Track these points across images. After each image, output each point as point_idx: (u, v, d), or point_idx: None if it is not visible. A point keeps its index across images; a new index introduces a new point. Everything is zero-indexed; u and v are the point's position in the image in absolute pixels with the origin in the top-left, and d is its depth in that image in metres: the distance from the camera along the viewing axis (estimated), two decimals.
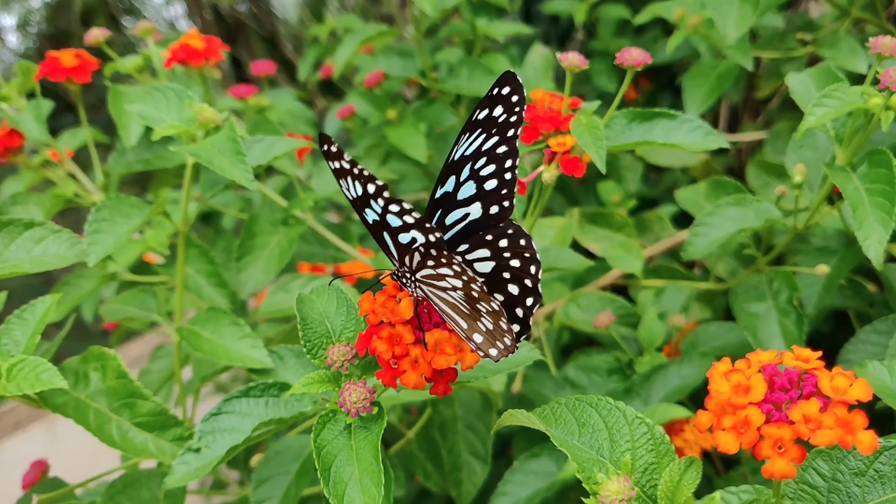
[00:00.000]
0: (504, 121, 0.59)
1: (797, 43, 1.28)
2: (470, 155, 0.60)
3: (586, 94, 1.80)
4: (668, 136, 0.83)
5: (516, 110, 0.59)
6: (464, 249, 0.60)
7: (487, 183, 0.60)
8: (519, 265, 0.58)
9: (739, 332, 1.00)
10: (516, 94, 0.59)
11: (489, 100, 0.60)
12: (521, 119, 0.59)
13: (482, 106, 0.60)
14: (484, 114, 0.60)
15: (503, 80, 0.60)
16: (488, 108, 0.60)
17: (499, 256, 0.59)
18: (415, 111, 1.46)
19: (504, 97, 0.59)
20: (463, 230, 0.61)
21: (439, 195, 0.61)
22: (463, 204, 0.61)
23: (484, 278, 0.59)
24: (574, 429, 0.53)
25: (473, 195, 0.60)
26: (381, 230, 0.56)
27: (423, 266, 0.56)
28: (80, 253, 0.76)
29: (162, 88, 0.83)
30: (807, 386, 0.44)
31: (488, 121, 0.60)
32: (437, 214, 0.61)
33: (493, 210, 0.60)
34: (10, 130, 1.04)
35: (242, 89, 1.42)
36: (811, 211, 0.91)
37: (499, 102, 0.60)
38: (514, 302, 0.58)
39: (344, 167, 0.54)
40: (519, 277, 0.58)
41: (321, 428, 0.59)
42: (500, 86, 0.60)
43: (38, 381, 0.66)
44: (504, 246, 0.59)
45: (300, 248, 1.17)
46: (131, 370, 1.94)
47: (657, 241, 1.34)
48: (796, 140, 0.91)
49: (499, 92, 0.60)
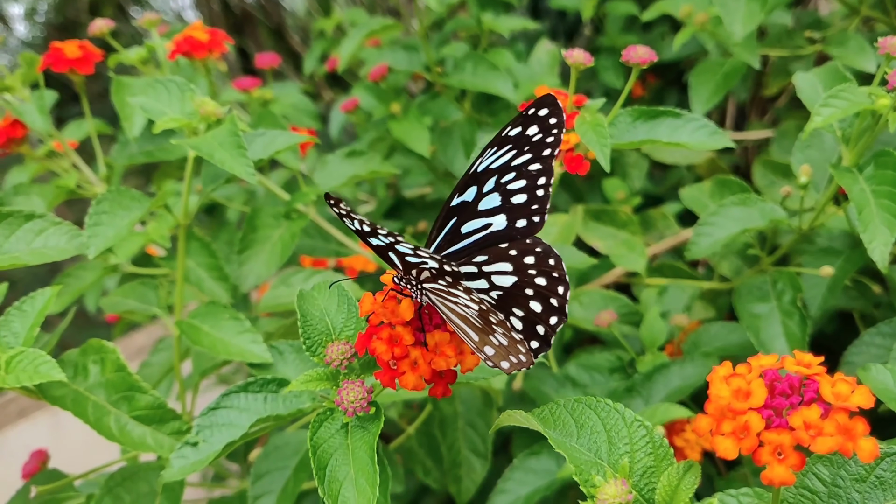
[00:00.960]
0: (539, 140, 0.59)
1: (805, 41, 1.27)
2: (497, 168, 0.60)
3: (592, 90, 1.79)
4: (673, 134, 0.83)
5: (554, 132, 0.59)
6: (482, 260, 0.59)
7: (516, 197, 0.60)
8: (545, 284, 0.57)
9: (742, 333, 0.99)
10: (555, 117, 0.59)
11: (524, 118, 0.59)
12: (558, 141, 0.59)
13: (515, 123, 0.59)
14: (516, 131, 0.59)
15: (542, 101, 0.59)
16: (521, 127, 0.59)
17: (523, 272, 0.58)
18: (419, 105, 1.45)
19: (541, 118, 0.59)
20: (481, 240, 0.60)
21: (456, 203, 0.60)
22: (485, 214, 0.60)
23: (503, 292, 0.58)
24: (573, 430, 0.53)
25: (498, 207, 0.60)
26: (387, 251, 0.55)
27: (432, 282, 0.55)
28: (80, 245, 0.76)
29: (164, 81, 0.82)
30: (808, 392, 0.44)
31: (520, 138, 0.59)
32: (452, 222, 0.61)
33: (521, 224, 0.60)
34: (14, 121, 1.03)
35: (247, 82, 1.42)
36: (816, 212, 0.90)
37: (534, 122, 0.59)
38: (535, 319, 0.57)
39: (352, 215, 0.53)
40: (544, 296, 0.57)
41: (318, 426, 0.58)
42: (537, 107, 0.59)
43: (37, 374, 0.66)
44: (530, 263, 0.58)
45: (302, 242, 1.17)
46: (134, 360, 1.93)
47: (661, 239, 1.34)
48: (802, 140, 0.90)
49: (535, 112, 0.59)
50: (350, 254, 1.16)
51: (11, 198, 1.00)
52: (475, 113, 1.47)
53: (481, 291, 0.58)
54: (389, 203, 1.64)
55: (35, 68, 1.04)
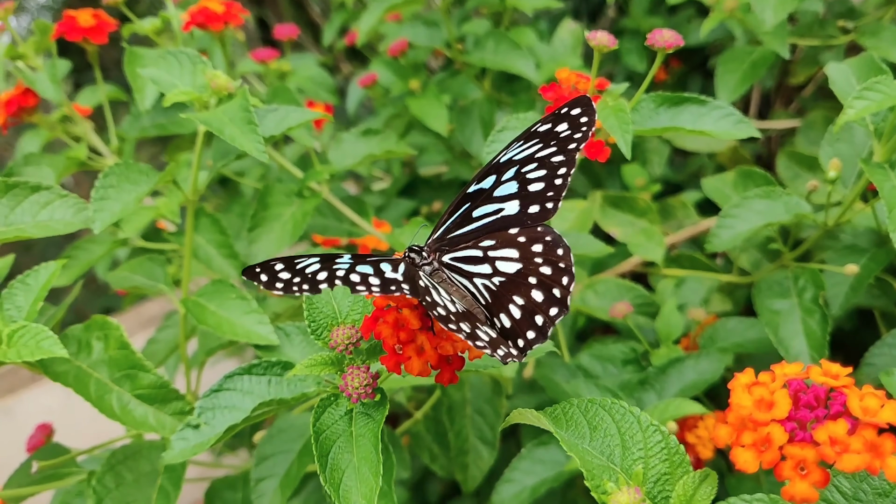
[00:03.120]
0: (567, 136, 0.58)
1: (837, 30, 1.23)
2: (519, 159, 0.59)
3: (615, 73, 1.76)
4: (697, 122, 0.80)
5: (583, 129, 0.58)
6: (488, 245, 0.59)
7: (533, 185, 0.59)
8: (550, 273, 0.56)
9: (760, 329, 0.97)
10: (586, 117, 0.58)
11: (555, 117, 0.58)
12: (586, 137, 0.58)
13: (545, 120, 0.59)
14: (546, 128, 0.58)
15: (576, 102, 0.58)
16: (552, 124, 0.58)
17: (529, 260, 0.57)
18: (438, 82, 1.43)
19: (573, 117, 0.58)
20: (490, 224, 0.60)
21: (473, 190, 0.60)
22: (499, 200, 0.60)
23: (505, 278, 0.57)
24: (585, 432, 0.51)
25: (513, 193, 0.59)
26: None
27: None
28: (86, 219, 0.74)
29: (176, 53, 0.80)
30: (834, 405, 0.42)
31: (548, 134, 0.59)
32: (465, 207, 0.60)
33: (533, 209, 0.59)
34: (25, 90, 1.01)
35: (264, 53, 1.39)
36: (844, 207, 0.88)
37: (565, 120, 0.58)
38: (535, 309, 0.56)
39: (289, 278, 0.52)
40: (547, 285, 0.56)
41: (322, 412, 0.57)
42: (571, 107, 0.58)
43: (39, 349, 0.65)
44: (537, 251, 0.57)
45: (315, 221, 1.15)
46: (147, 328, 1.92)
47: (680, 228, 1.31)
48: (833, 133, 0.87)
49: (567, 112, 0.58)
50: (362, 233, 1.14)
51: (21, 168, 0.99)
52: (495, 92, 1.45)
53: (483, 276, 0.58)
54: (405, 181, 1.62)
55: (48, 36, 1.03)
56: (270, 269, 0.52)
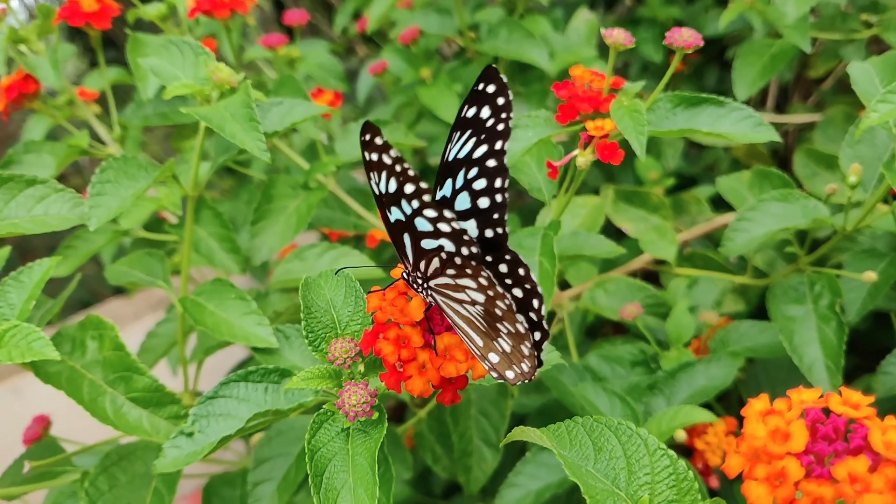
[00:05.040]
0: (492, 127, 0.53)
1: (860, 24, 1.19)
2: (463, 159, 0.54)
3: (631, 62, 1.72)
4: (715, 124, 0.77)
5: (503, 117, 0.53)
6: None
7: (480, 200, 0.54)
8: (522, 296, 0.53)
9: (773, 334, 0.94)
10: (502, 97, 0.53)
11: (475, 95, 0.53)
12: (508, 130, 0.53)
13: (469, 101, 0.53)
14: (472, 112, 0.53)
15: (486, 75, 0.53)
16: (476, 106, 0.53)
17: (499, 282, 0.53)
18: (450, 71, 1.40)
19: (489, 96, 0.53)
20: None
21: (439, 197, 0.55)
22: (461, 217, 0.55)
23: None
24: (590, 453, 0.48)
25: (469, 210, 0.55)
26: (404, 231, 0.51)
27: (440, 274, 0.51)
28: (82, 215, 0.72)
29: (177, 42, 0.78)
30: (855, 438, 0.39)
31: (477, 122, 0.53)
32: None
33: (488, 234, 0.55)
34: (26, 75, 1.00)
35: (273, 39, 1.37)
36: (864, 212, 0.85)
37: (486, 102, 0.53)
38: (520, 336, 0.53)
39: (384, 162, 0.48)
40: (523, 309, 0.53)
41: (317, 428, 0.55)
42: (485, 81, 0.53)
43: (30, 351, 0.63)
44: (504, 272, 0.54)
45: (321, 213, 1.13)
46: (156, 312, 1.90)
47: (693, 224, 1.28)
48: (854, 137, 0.84)
49: (484, 89, 0.53)
50: (369, 227, 1.12)
51: (21, 155, 0.97)
52: (508, 82, 1.42)
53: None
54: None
55: (51, 20, 1.00)
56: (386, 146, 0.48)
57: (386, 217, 0.51)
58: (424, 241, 0.51)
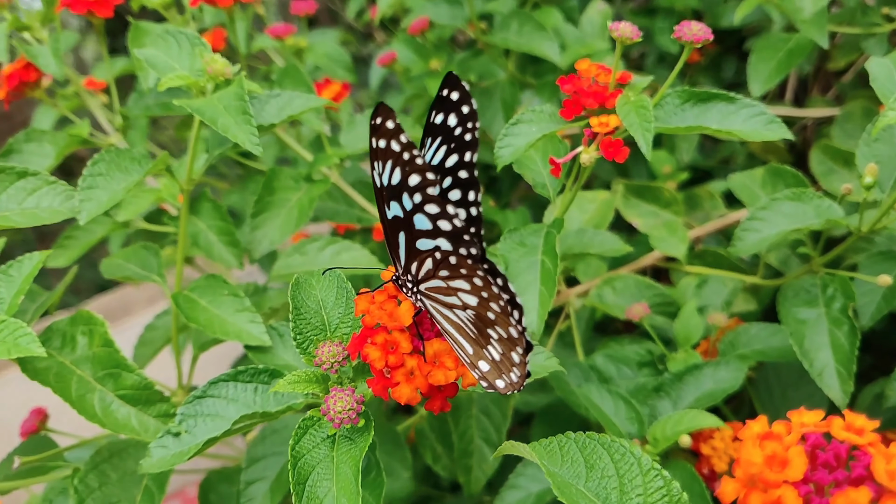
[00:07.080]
0: (460, 136, 0.51)
1: (881, 18, 1.16)
2: (436, 167, 0.52)
3: (647, 52, 1.69)
4: (724, 121, 0.74)
5: (469, 126, 0.51)
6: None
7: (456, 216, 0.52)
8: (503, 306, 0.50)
9: (784, 337, 0.92)
10: (466, 105, 0.51)
11: (440, 101, 0.51)
12: (475, 140, 0.51)
13: (436, 107, 0.52)
14: (440, 118, 0.52)
15: (448, 81, 0.51)
16: (443, 113, 0.52)
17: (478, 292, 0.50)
18: (460, 63, 1.38)
19: (454, 104, 0.51)
20: None
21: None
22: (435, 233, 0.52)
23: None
24: (581, 471, 0.46)
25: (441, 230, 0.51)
26: (400, 229, 0.49)
27: (432, 275, 0.49)
28: (73, 208, 0.70)
29: (174, 33, 0.76)
30: (857, 467, 0.37)
31: (445, 129, 0.52)
32: None
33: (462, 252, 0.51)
34: (27, 64, 0.98)
35: (280, 28, 1.35)
36: (880, 213, 0.82)
37: (452, 109, 0.51)
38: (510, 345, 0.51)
39: (392, 149, 0.46)
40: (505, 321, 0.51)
41: (302, 434, 0.53)
42: (448, 87, 0.51)
43: (16, 347, 0.62)
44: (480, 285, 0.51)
45: (324, 205, 1.11)
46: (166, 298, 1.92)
47: (707, 219, 1.26)
48: (871, 136, 0.81)
49: (448, 95, 0.51)
50: (372, 220, 1.10)
51: (22, 144, 0.95)
52: (519, 74, 1.39)
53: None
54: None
55: (54, 7, 0.99)
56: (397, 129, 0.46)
57: (384, 213, 0.50)
58: (420, 241, 0.49)
